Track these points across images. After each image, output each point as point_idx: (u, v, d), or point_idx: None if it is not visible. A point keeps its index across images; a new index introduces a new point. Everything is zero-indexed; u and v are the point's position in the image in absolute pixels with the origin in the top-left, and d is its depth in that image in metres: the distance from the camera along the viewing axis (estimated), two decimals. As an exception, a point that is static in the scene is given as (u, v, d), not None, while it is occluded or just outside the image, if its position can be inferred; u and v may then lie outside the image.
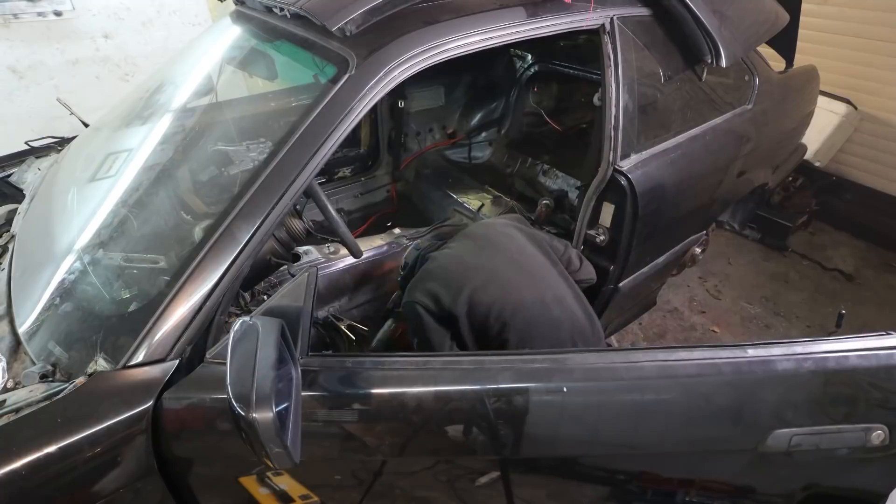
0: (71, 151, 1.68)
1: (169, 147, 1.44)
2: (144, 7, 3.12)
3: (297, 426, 0.75)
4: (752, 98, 2.07)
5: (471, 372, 0.90)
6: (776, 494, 0.96)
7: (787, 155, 2.62)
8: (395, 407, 0.89)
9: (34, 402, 0.84)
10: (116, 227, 1.21)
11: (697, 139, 1.84)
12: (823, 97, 2.90)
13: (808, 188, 3.30)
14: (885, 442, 0.87)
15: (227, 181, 1.51)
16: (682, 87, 1.79)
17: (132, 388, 0.87)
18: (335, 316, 1.57)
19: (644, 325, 2.58)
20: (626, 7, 1.60)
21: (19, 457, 0.77)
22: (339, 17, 1.11)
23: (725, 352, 0.89)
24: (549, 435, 0.90)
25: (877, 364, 0.86)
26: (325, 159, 1.06)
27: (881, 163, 3.19)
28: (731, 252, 3.10)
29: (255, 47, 1.58)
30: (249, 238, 0.98)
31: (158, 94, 1.64)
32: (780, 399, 0.87)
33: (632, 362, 0.89)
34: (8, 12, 2.73)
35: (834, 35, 3.10)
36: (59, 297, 1.08)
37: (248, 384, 0.68)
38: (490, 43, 1.29)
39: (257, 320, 0.76)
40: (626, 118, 1.58)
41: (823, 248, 3.15)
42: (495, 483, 0.96)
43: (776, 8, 2.09)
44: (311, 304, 0.91)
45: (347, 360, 0.92)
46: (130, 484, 0.86)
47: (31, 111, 2.94)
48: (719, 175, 2.01)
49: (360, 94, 1.10)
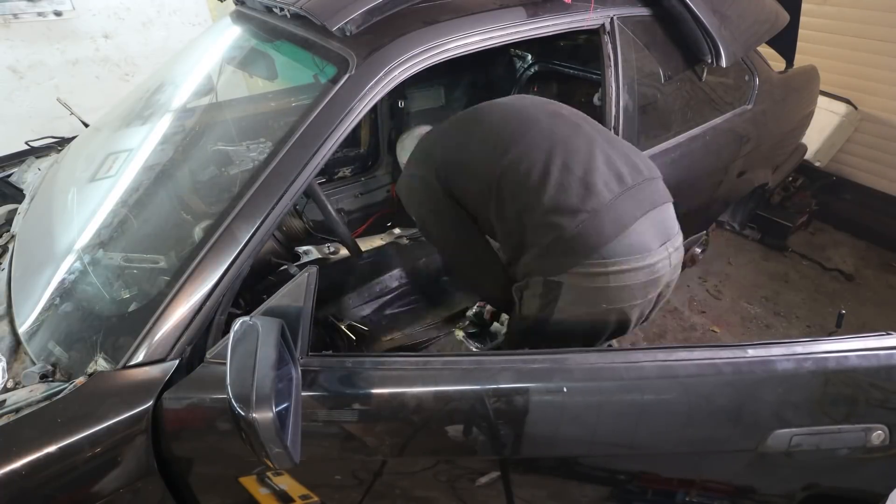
0: (71, 151, 1.68)
1: (169, 147, 1.44)
2: (144, 7, 3.12)
3: (297, 426, 0.75)
4: (752, 98, 2.07)
5: (471, 372, 0.90)
6: (776, 494, 0.96)
7: (787, 155, 2.62)
8: (395, 407, 0.89)
9: (34, 402, 0.84)
10: (116, 227, 1.21)
11: (697, 139, 1.84)
12: (823, 97, 2.90)
13: (808, 188, 3.30)
14: (885, 442, 0.87)
15: (227, 181, 1.51)
16: (682, 87, 1.79)
17: (132, 388, 0.87)
18: (335, 316, 1.57)
19: (644, 325, 2.57)
20: (626, 7, 1.60)
21: (19, 457, 0.77)
22: (339, 17, 1.11)
23: (725, 352, 0.89)
24: (549, 435, 0.90)
25: (877, 364, 0.86)
26: (325, 159, 1.06)
27: (881, 163, 3.19)
28: (731, 252, 3.10)
29: (255, 47, 1.58)
30: (249, 238, 0.98)
31: (158, 94, 1.64)
32: (780, 399, 0.87)
33: (632, 362, 0.89)
34: (8, 12, 2.73)
35: (834, 35, 3.10)
36: (59, 297, 1.08)
37: (248, 384, 0.68)
38: (490, 43, 1.29)
39: (257, 320, 0.76)
40: (626, 118, 1.58)
41: (823, 248, 3.15)
42: (495, 483, 0.96)
43: (776, 8, 2.09)
44: (311, 304, 0.90)
45: (347, 360, 0.92)
46: (130, 484, 0.86)
47: (31, 111, 2.93)
48: (719, 175, 2.01)
49: (360, 94, 1.10)
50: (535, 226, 1.11)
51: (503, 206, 1.16)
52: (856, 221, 3.24)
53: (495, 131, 1.22)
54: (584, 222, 1.07)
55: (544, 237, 1.10)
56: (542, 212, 1.10)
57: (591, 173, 1.11)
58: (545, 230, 1.10)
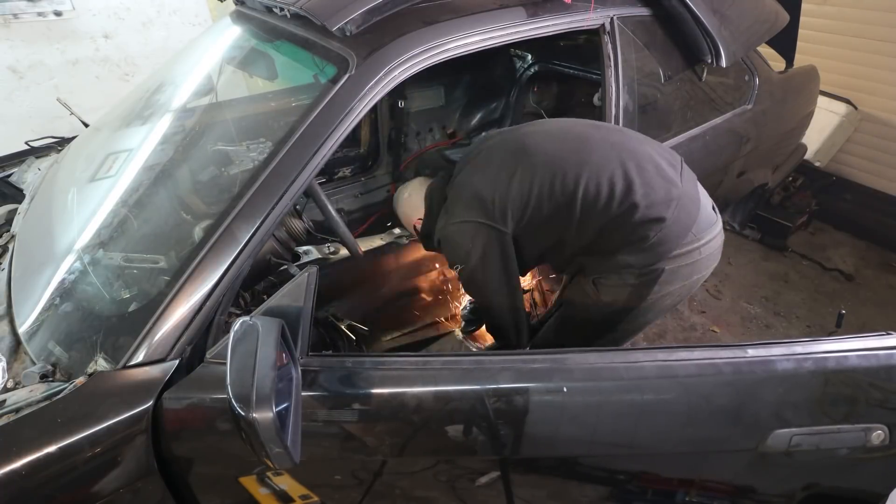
0: (71, 151, 1.68)
1: (169, 147, 1.44)
2: (144, 7, 3.12)
3: (297, 426, 0.75)
4: (752, 98, 2.07)
5: (471, 372, 0.90)
6: (776, 494, 0.96)
7: (787, 155, 2.62)
8: (395, 407, 0.89)
9: (34, 402, 0.84)
10: (116, 227, 1.21)
11: (697, 139, 1.84)
12: (823, 97, 2.90)
13: (808, 188, 3.30)
14: (885, 442, 0.87)
15: (227, 181, 1.51)
16: (682, 87, 1.79)
17: (132, 388, 0.87)
18: (335, 316, 1.57)
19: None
20: (626, 7, 1.60)
21: (19, 457, 0.77)
22: (339, 17, 1.11)
23: (725, 352, 0.89)
24: (549, 435, 0.90)
25: (877, 364, 0.86)
26: (325, 159, 1.06)
27: (881, 163, 3.19)
28: (731, 252, 3.10)
29: (255, 47, 1.58)
30: (249, 238, 0.98)
31: (158, 94, 1.64)
32: (780, 399, 0.87)
33: (632, 362, 0.89)
34: (8, 12, 2.73)
35: (834, 35, 3.10)
36: (59, 297, 1.08)
37: (248, 384, 0.68)
38: (490, 43, 1.29)
39: (257, 320, 0.76)
40: (626, 118, 1.58)
41: (823, 248, 3.16)
42: (495, 483, 0.96)
43: (776, 8, 2.09)
44: (311, 304, 0.91)
45: (347, 360, 0.92)
46: (130, 484, 0.86)
47: (31, 111, 2.93)
48: (719, 175, 2.01)
49: (360, 94, 1.10)
50: (634, 226, 1.19)
51: (586, 223, 1.21)
52: (856, 221, 3.24)
53: (557, 159, 1.22)
54: (677, 208, 1.19)
55: (648, 231, 1.19)
56: (642, 211, 1.17)
57: (660, 167, 1.23)
58: (648, 226, 1.19)
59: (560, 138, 1.28)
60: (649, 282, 1.23)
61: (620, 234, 1.20)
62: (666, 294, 1.27)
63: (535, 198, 1.20)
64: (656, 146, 1.31)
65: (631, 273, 1.24)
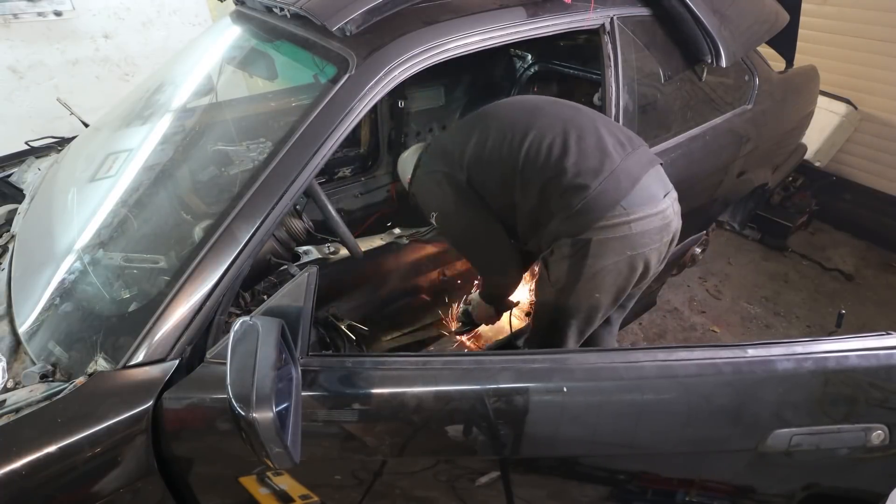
0: (71, 151, 1.68)
1: (169, 147, 1.44)
2: (144, 7, 3.12)
3: (297, 426, 0.75)
4: (752, 98, 2.07)
5: (471, 372, 0.90)
6: (776, 494, 0.96)
7: (787, 155, 2.62)
8: (395, 407, 0.89)
9: (34, 402, 0.84)
10: (116, 227, 1.21)
11: (697, 139, 1.84)
12: (823, 97, 2.90)
13: (808, 188, 3.30)
14: (885, 442, 0.87)
15: (227, 181, 1.51)
16: (681, 86, 1.79)
17: (132, 388, 0.87)
18: (335, 316, 1.57)
19: (644, 325, 2.58)
20: (626, 7, 1.60)
21: (19, 457, 0.77)
22: (339, 17, 1.11)
23: (725, 352, 0.89)
24: (549, 435, 0.90)
25: (877, 364, 0.86)
26: (325, 159, 1.06)
27: (881, 163, 3.19)
28: (731, 252, 3.11)
29: (255, 47, 1.58)
30: (249, 238, 0.98)
31: (158, 94, 1.64)
32: (780, 399, 0.87)
33: (632, 362, 0.89)
34: (8, 12, 2.73)
35: (834, 35, 3.10)
36: (59, 297, 1.08)
37: (248, 384, 0.68)
38: (490, 43, 1.29)
39: (257, 320, 0.76)
40: (626, 118, 1.58)
41: (823, 248, 3.16)
42: (495, 483, 0.96)
43: (776, 8, 2.09)
44: (311, 304, 0.90)
45: (347, 360, 0.92)
46: (130, 484, 0.86)
47: (31, 111, 2.93)
48: (719, 175, 2.01)
49: (360, 94, 1.10)
50: (562, 191, 1.26)
51: (528, 184, 1.30)
52: (856, 221, 3.24)
53: (509, 122, 1.36)
54: (606, 180, 1.24)
55: (573, 198, 1.24)
56: (570, 176, 1.25)
57: (602, 141, 1.29)
58: (573, 192, 1.24)
59: (517, 108, 1.43)
60: (581, 255, 1.27)
61: (554, 200, 1.28)
62: (601, 269, 1.28)
63: (489, 152, 1.34)
64: (613, 126, 1.38)
65: (565, 244, 1.29)
